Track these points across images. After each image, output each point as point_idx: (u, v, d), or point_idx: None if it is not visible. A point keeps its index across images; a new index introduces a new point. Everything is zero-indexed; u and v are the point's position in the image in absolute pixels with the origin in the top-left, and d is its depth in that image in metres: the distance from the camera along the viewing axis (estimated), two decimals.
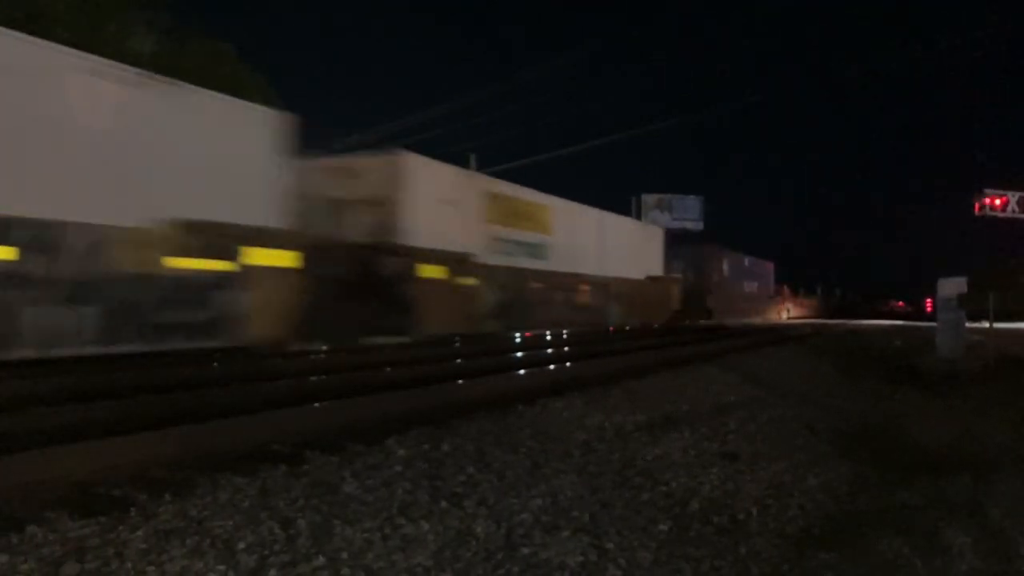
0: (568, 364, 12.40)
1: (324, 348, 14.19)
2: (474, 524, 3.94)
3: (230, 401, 7.14)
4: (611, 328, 24.28)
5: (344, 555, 3.35)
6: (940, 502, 6.00)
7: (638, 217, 50.39)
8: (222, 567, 3.13)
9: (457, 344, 16.71)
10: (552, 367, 11.72)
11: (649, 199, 51.31)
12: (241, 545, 3.32)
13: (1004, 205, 45.46)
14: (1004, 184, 46.35)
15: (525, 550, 3.77)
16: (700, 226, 52.74)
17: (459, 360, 13.12)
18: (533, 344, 17.88)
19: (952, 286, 14.48)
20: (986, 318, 14.62)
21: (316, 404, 7.00)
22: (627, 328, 24.82)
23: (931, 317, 16.76)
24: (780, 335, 23.67)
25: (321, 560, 3.27)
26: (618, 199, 54.78)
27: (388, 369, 10.77)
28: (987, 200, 45.21)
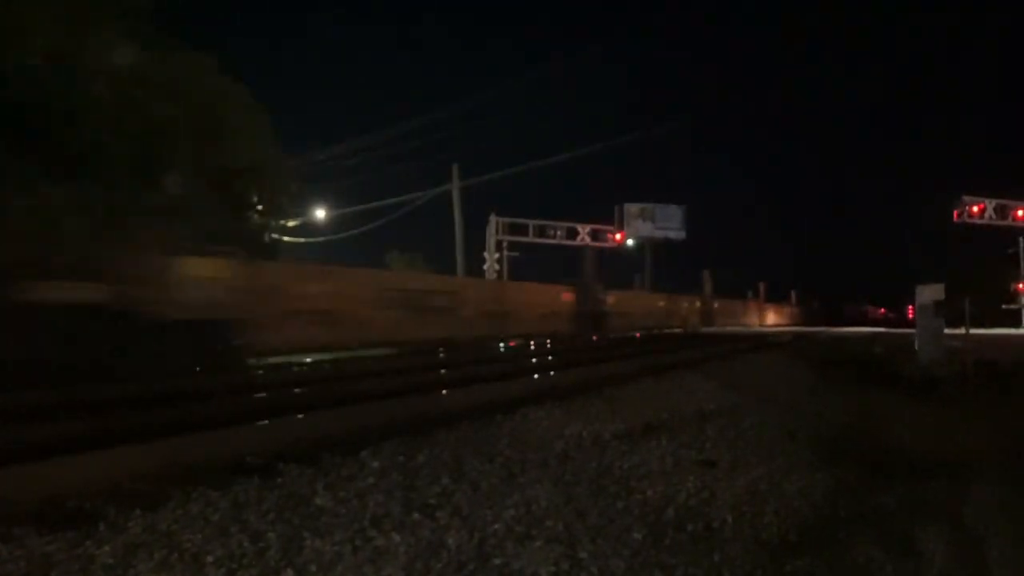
0: (550, 373, 12.39)
1: (308, 359, 14.22)
2: (446, 535, 3.93)
3: (209, 414, 7.11)
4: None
5: (313, 567, 3.33)
6: (916, 507, 6.03)
7: (621, 226, 50.67)
8: None
9: (441, 354, 16.83)
10: (533, 376, 11.71)
11: (632, 208, 51.45)
12: (210, 559, 3.30)
13: (981, 212, 45.98)
14: (982, 191, 46.90)
15: (497, 560, 3.76)
16: (683, 235, 52.91)
17: (442, 370, 13.11)
18: (516, 353, 17.87)
19: (930, 292, 14.58)
20: (966, 324, 14.74)
21: (294, 416, 6.98)
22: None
23: (913, 323, 16.87)
24: (764, 342, 23.74)
25: (290, 573, 3.25)
26: (601, 208, 55.06)
27: (371, 379, 10.76)
28: (965, 207, 45.76)
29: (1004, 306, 46.25)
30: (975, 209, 46.22)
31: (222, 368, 13.17)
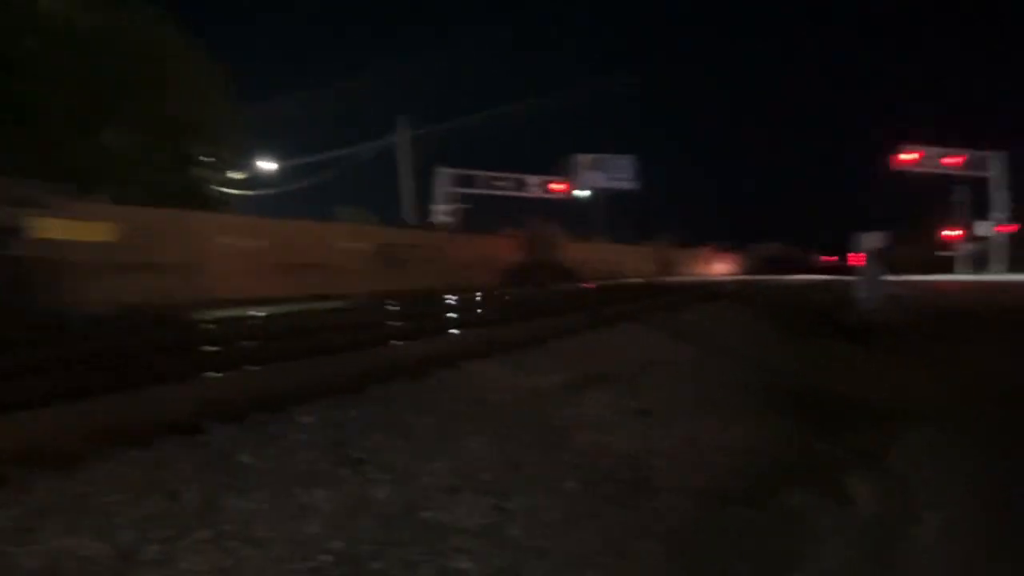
0: (494, 326, 12.32)
1: (259, 313, 14.01)
2: (374, 490, 3.85)
3: (141, 372, 6.90)
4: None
5: (230, 527, 3.23)
6: (851, 453, 6.12)
7: (572, 177, 50.49)
8: (99, 544, 2.98)
9: (392, 307, 16.70)
10: (477, 329, 11.63)
11: (583, 159, 51.27)
12: (121, 520, 3.17)
13: (921, 159, 46.91)
14: (919, 140, 47.75)
15: (425, 514, 3.70)
16: (634, 185, 52.93)
17: (389, 323, 12.98)
18: (465, 306, 17.78)
19: (871, 240, 14.79)
20: (903, 271, 15.00)
21: (230, 372, 6.82)
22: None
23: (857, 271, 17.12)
24: (710, 292, 23.94)
25: (206, 533, 3.15)
26: (552, 159, 54.82)
27: (314, 334, 10.58)
28: (903, 155, 46.62)
29: (937, 253, 47.44)
30: (915, 157, 47.16)
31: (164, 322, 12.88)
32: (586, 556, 3.70)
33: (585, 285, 29.07)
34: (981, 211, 47.54)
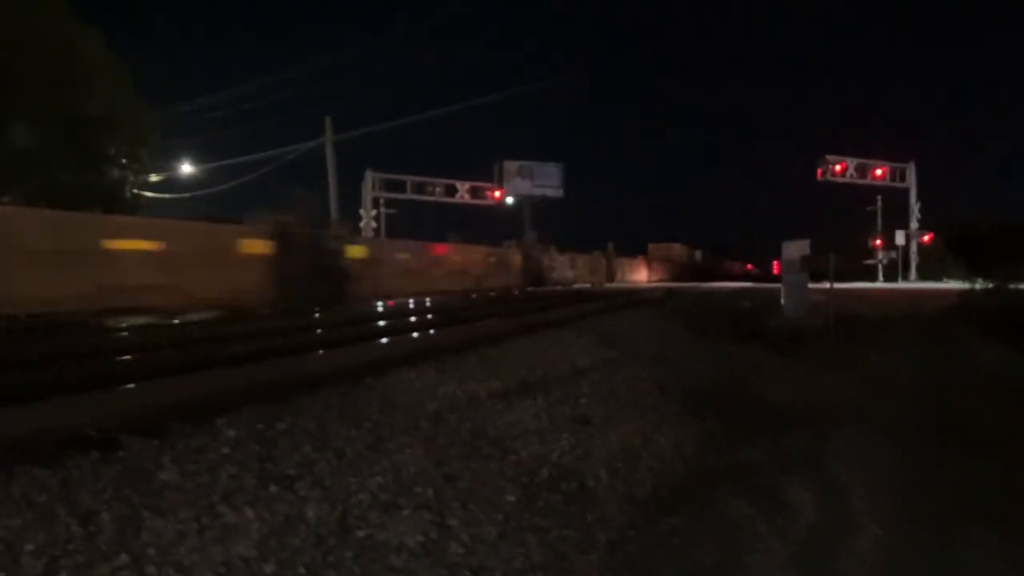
0: (425, 332, 12.15)
1: (176, 320, 13.57)
2: (305, 508, 3.65)
3: (49, 382, 6.52)
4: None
5: (151, 551, 3.00)
6: (783, 458, 6.14)
7: (500, 184, 50.51)
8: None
9: (317, 314, 16.41)
10: (407, 336, 11.45)
11: (511, 166, 51.31)
12: (28, 547, 2.91)
13: (844, 171, 48.40)
14: (844, 151, 49.23)
15: (360, 532, 3.53)
16: (560, 193, 53.20)
17: (316, 331, 12.68)
18: (393, 313, 17.54)
19: (796, 248, 15.03)
20: (828, 279, 15.29)
21: (147, 382, 6.50)
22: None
23: (779, 279, 17.42)
24: (637, 298, 24.13)
25: (123, 559, 2.92)
26: (481, 165, 54.78)
27: (240, 342, 10.25)
28: (829, 166, 48.06)
29: (865, 261, 49.05)
30: (838, 168, 48.61)
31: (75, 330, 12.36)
32: (528, 572, 3.57)
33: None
34: (906, 221, 49.46)
